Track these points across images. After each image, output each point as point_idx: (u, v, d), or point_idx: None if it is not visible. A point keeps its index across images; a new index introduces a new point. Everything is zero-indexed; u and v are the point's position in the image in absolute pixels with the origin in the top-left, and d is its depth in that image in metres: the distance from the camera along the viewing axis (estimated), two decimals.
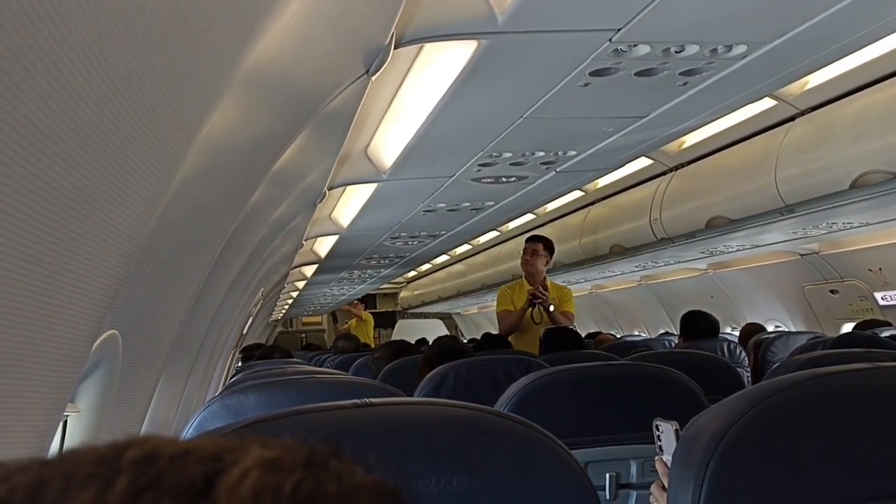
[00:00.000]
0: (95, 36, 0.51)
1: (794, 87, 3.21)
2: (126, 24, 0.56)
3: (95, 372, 1.16)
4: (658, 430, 1.39)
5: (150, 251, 1.19)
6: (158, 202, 0.91)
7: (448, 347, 2.65)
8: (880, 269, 4.59)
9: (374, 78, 1.78)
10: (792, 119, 3.38)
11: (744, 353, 3.62)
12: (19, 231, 0.54)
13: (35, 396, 0.68)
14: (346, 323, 11.20)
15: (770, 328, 5.30)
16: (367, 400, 0.87)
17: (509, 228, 6.63)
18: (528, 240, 4.65)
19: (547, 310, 4.26)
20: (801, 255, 5.06)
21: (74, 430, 1.21)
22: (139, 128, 0.70)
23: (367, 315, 10.80)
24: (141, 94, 0.66)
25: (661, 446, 1.36)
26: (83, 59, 0.52)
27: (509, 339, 4.12)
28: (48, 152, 0.53)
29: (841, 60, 2.50)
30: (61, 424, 1.19)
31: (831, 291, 5.07)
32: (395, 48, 1.70)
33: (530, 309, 4.28)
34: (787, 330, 5.21)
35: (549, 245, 4.59)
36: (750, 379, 3.47)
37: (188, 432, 1.46)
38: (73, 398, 1.18)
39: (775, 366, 2.97)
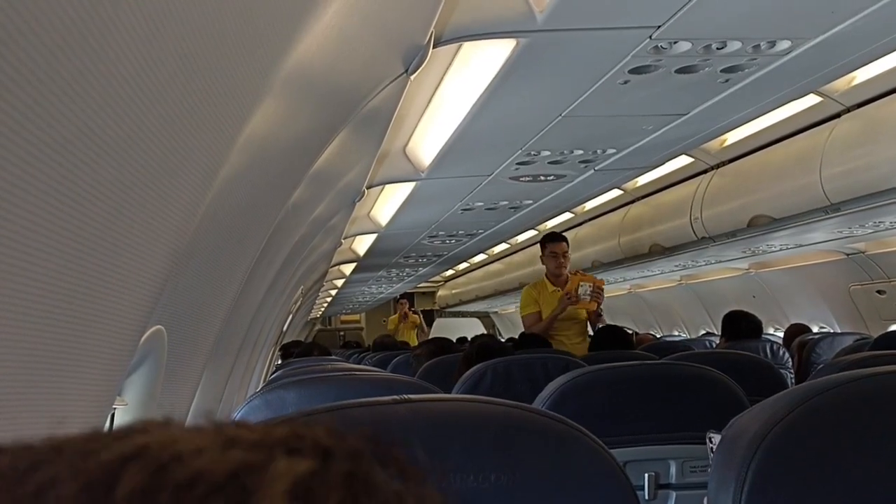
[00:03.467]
0: (144, 35, 0.53)
1: (840, 83, 3.15)
2: (174, 22, 0.57)
3: (142, 366, 1.19)
4: (711, 441, 1.37)
5: (194, 249, 1.21)
6: (202, 200, 0.93)
7: (488, 346, 2.66)
8: None
9: (412, 77, 1.79)
10: (838, 116, 3.31)
11: (787, 355, 3.56)
12: (71, 227, 0.56)
13: (85, 389, 0.70)
14: (384, 320, 11.22)
15: (815, 329, 5.20)
16: (405, 396, 0.87)
17: (547, 227, 6.60)
18: (554, 239, 4.29)
19: (597, 312, 4.14)
20: (847, 255, 4.95)
21: (122, 422, 1.24)
22: (185, 126, 0.72)
23: (413, 316, 10.59)
24: (187, 92, 0.67)
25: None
26: (132, 59, 0.53)
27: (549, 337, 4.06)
28: (98, 150, 0.55)
29: (888, 56, 2.45)
30: (109, 417, 1.22)
31: (878, 292, 4.95)
32: (433, 47, 1.71)
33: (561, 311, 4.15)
34: (832, 331, 5.10)
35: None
36: (793, 381, 3.41)
37: None
38: (121, 392, 1.20)
39: (820, 367, 2.92)
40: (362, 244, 5.66)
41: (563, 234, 4.52)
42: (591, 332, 4.23)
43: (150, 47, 0.55)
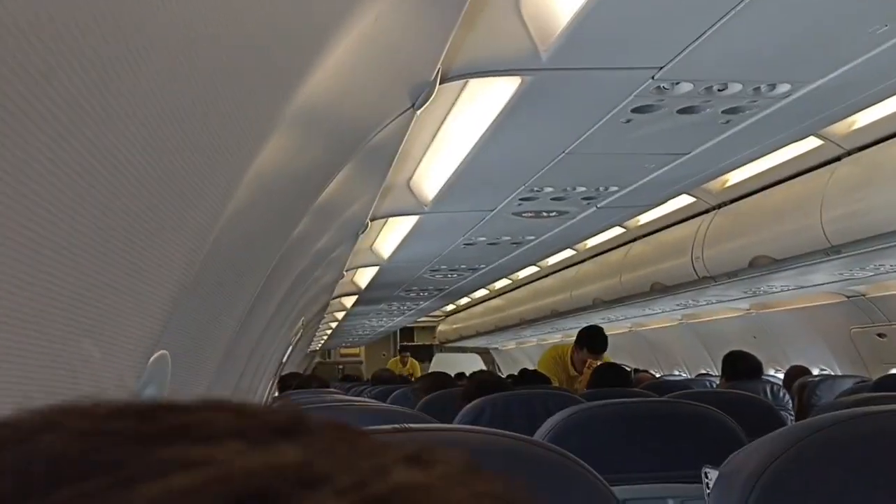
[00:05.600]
0: (167, 69, 0.55)
1: (841, 127, 3.18)
2: (192, 59, 0.59)
3: (146, 391, 1.19)
4: (707, 477, 1.37)
5: (201, 276, 1.22)
6: (211, 230, 0.95)
7: (487, 381, 2.65)
8: None
9: (419, 112, 1.82)
10: (838, 159, 3.34)
11: (787, 396, 3.55)
12: (89, 252, 0.57)
13: None
14: (384, 354, 11.30)
15: (815, 371, 5.19)
16: (406, 426, 0.88)
17: (549, 264, 6.61)
18: (597, 349, 4.05)
19: None
20: (848, 298, 4.95)
21: None
22: (199, 157, 0.73)
23: (413, 363, 10.95)
24: (204, 124, 0.69)
25: (709, 493, 1.34)
26: (154, 92, 0.55)
27: None
28: (119, 177, 0.57)
29: (888, 100, 2.48)
30: None
31: (879, 335, 4.95)
32: (440, 83, 1.74)
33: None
34: (832, 373, 5.09)
35: None
36: (793, 422, 3.39)
37: None
38: None
39: (818, 408, 2.91)
40: (364, 277, 5.67)
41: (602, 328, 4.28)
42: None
43: (170, 84, 0.57)
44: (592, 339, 4.12)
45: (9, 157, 0.42)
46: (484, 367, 10.87)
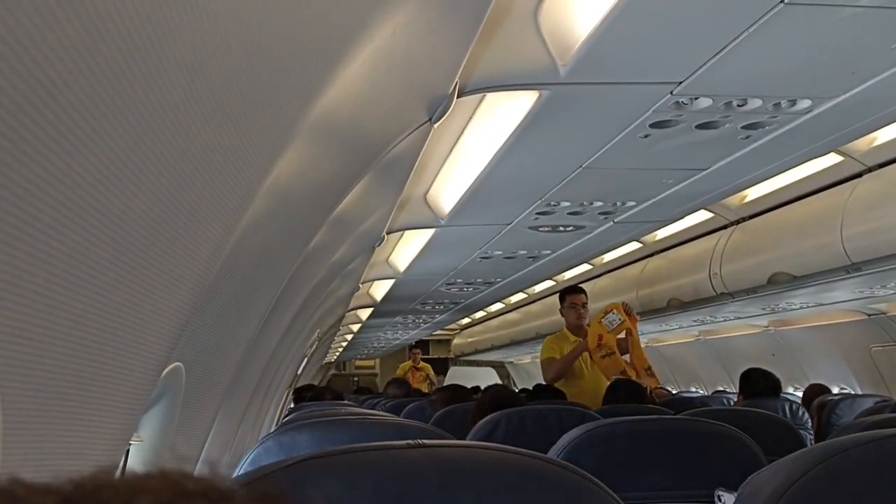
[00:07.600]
0: (184, 81, 0.55)
1: (862, 143, 3.15)
2: (210, 71, 0.59)
3: (159, 403, 1.19)
4: (720, 500, 1.35)
5: (216, 289, 1.22)
6: (227, 241, 0.95)
7: (501, 395, 2.64)
8: None
9: (436, 125, 1.82)
10: (859, 175, 3.31)
11: (807, 415, 3.51)
12: (104, 262, 0.57)
13: (107, 422, 0.71)
14: (398, 367, 11.20)
15: (835, 390, 5.12)
16: (419, 441, 0.87)
17: (566, 278, 6.59)
18: (573, 291, 4.45)
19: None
20: (869, 315, 4.90)
21: (136, 459, 1.24)
22: (215, 169, 0.74)
23: (424, 365, 10.68)
24: (219, 136, 0.69)
25: None
26: (171, 103, 0.55)
27: (564, 391, 4.04)
28: (134, 189, 0.57)
29: None
30: (125, 453, 1.22)
31: None
32: (458, 97, 1.74)
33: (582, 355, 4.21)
34: (852, 392, 5.02)
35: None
36: (813, 442, 3.34)
37: (243, 468, 1.48)
38: (137, 427, 1.21)
39: (839, 428, 2.87)
40: (380, 289, 5.68)
41: (581, 285, 4.60)
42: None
43: (191, 91, 0.57)
44: (565, 289, 4.52)
45: (23, 169, 0.42)
46: (499, 381, 10.82)
